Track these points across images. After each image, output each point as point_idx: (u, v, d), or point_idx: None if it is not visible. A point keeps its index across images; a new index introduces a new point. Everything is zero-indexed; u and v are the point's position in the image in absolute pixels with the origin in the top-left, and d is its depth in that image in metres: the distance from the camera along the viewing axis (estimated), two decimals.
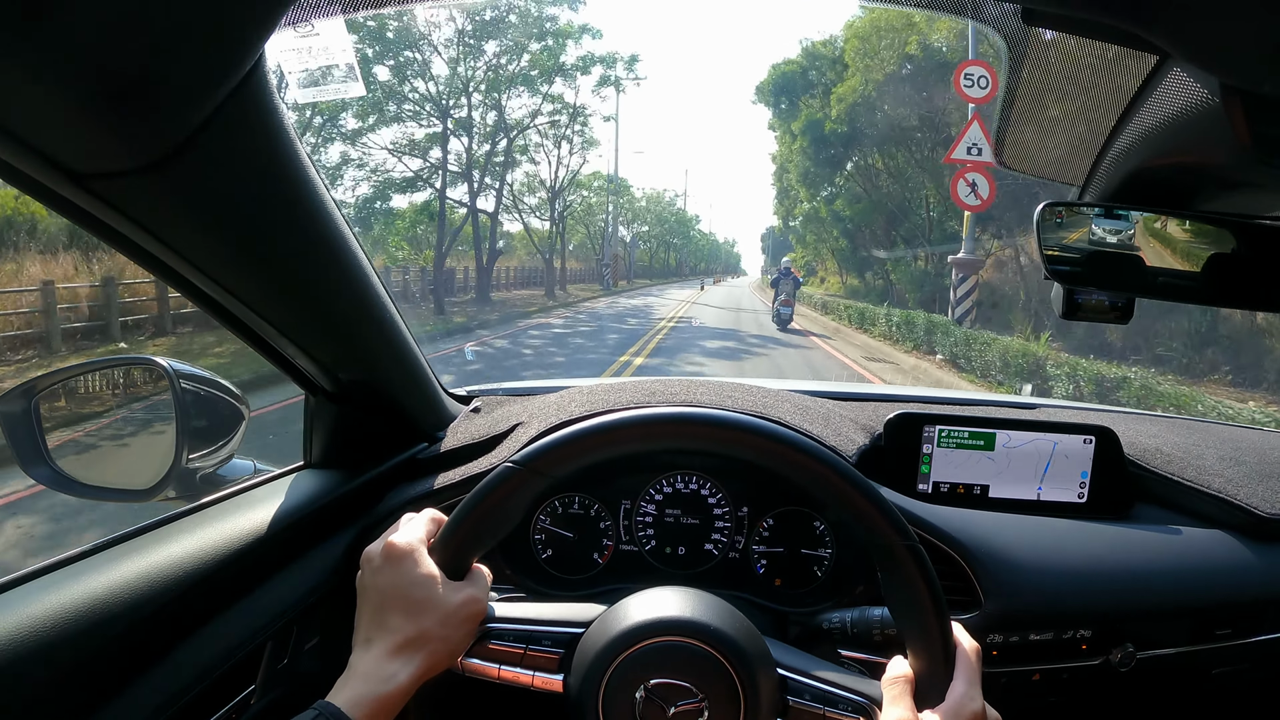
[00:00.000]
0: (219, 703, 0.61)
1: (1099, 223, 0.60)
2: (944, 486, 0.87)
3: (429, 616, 0.53)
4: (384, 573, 0.54)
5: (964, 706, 0.51)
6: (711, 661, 0.53)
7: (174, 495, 0.79)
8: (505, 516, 0.57)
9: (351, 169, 15.20)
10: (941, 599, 0.52)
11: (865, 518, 0.54)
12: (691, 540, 0.84)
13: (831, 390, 1.05)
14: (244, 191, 0.51)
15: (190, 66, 0.40)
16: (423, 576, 0.53)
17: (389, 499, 0.81)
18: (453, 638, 0.54)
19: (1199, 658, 0.80)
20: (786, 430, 0.56)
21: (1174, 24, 0.39)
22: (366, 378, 0.76)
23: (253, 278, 0.58)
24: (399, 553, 0.54)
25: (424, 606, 0.53)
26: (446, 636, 0.53)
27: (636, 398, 0.86)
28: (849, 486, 0.54)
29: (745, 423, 0.55)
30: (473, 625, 0.55)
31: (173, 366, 0.79)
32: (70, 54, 0.35)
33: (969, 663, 0.53)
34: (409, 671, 0.51)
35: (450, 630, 0.53)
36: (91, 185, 0.44)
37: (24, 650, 0.46)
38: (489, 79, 15.46)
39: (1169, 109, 0.48)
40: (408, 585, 0.53)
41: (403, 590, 0.53)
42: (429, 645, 0.52)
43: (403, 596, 0.53)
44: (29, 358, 7.67)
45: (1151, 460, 0.89)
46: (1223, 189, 0.56)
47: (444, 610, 0.53)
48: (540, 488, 0.57)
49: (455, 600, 0.54)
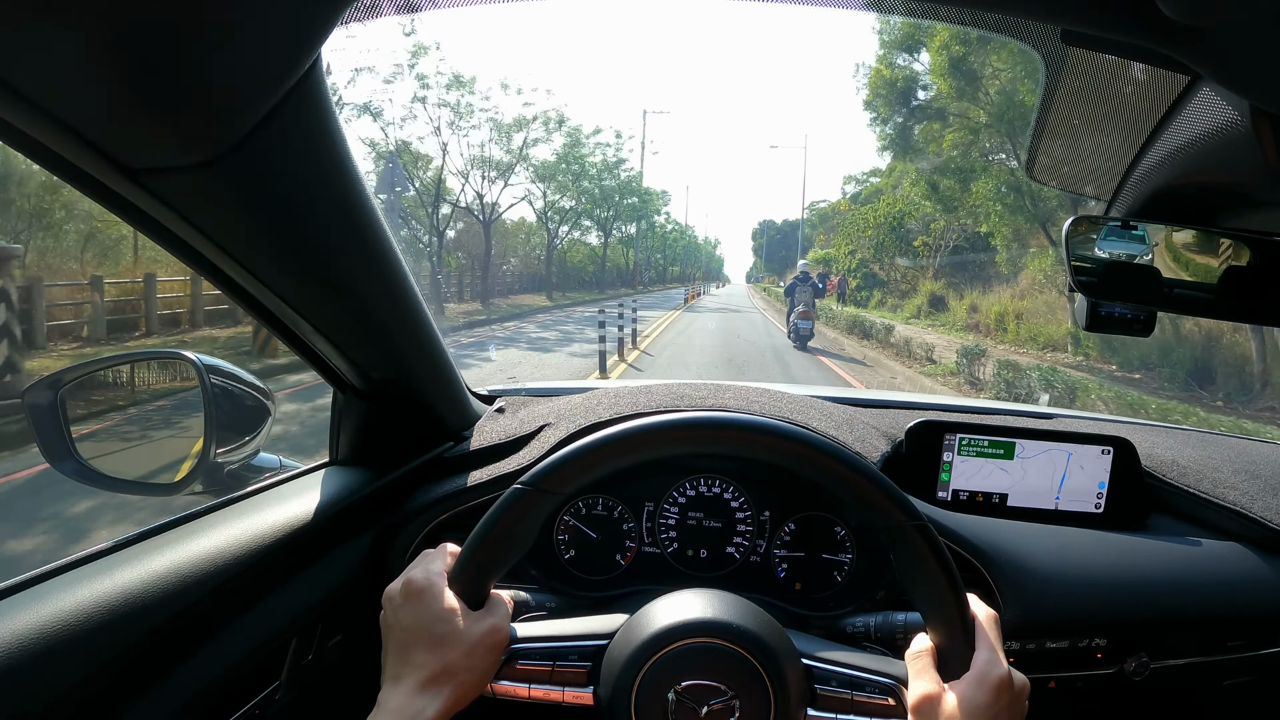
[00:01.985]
0: (245, 698, 0.61)
1: (1121, 238, 0.61)
2: (963, 494, 0.88)
3: (453, 649, 0.53)
4: (405, 610, 0.55)
5: (988, 673, 0.51)
6: (739, 659, 0.54)
7: (200, 490, 0.79)
8: (519, 539, 0.57)
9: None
10: (954, 572, 0.53)
11: (872, 502, 0.55)
12: (713, 543, 0.84)
13: (854, 397, 1.06)
14: (293, 190, 0.51)
15: (250, 66, 0.40)
16: (443, 610, 0.54)
17: (415, 497, 0.81)
18: (478, 668, 0.54)
19: (1211, 668, 0.81)
20: (797, 428, 0.57)
21: (1207, 48, 0.40)
22: (397, 376, 0.77)
23: (295, 275, 0.59)
24: (418, 588, 0.55)
25: (447, 640, 0.53)
26: (472, 667, 0.54)
27: (665, 401, 0.87)
28: (854, 473, 0.55)
29: (758, 423, 0.56)
30: (497, 654, 0.56)
31: (202, 361, 0.80)
32: (134, 52, 0.35)
33: (988, 631, 0.54)
34: (437, 705, 0.51)
35: (475, 660, 0.54)
36: (144, 180, 0.45)
37: (55, 645, 0.46)
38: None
39: (1198, 128, 0.49)
40: (430, 620, 0.54)
41: (425, 626, 0.54)
42: (456, 677, 0.53)
43: (426, 632, 0.54)
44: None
45: (1168, 472, 0.90)
46: (1247, 207, 0.57)
47: (468, 642, 0.54)
48: (553, 506, 0.57)
49: (478, 631, 0.55)
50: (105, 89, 0.37)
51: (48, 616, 0.47)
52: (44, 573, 0.52)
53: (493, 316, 17.12)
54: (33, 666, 0.45)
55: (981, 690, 0.51)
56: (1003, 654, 0.53)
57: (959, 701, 0.50)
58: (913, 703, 0.52)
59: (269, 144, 0.46)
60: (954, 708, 0.50)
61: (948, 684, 0.52)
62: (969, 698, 0.50)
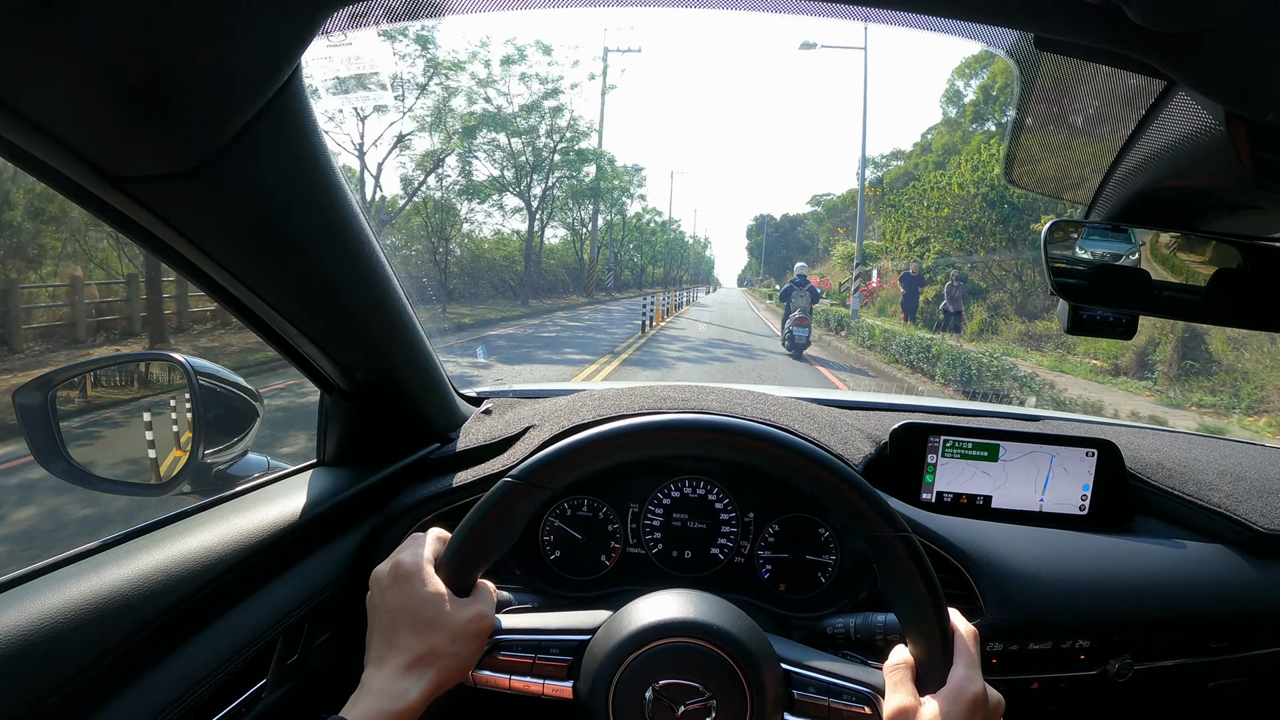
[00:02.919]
0: (230, 697, 0.62)
1: (1101, 242, 0.61)
2: (947, 496, 0.88)
3: (438, 634, 0.54)
4: (392, 592, 0.56)
5: (964, 689, 0.52)
6: (717, 660, 0.55)
7: (188, 490, 0.80)
8: (507, 531, 0.57)
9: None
10: (936, 586, 0.54)
11: (857, 511, 0.55)
12: (698, 544, 0.85)
13: (838, 399, 1.07)
14: (276, 196, 0.52)
15: (231, 75, 0.41)
16: (430, 595, 0.55)
17: (402, 498, 0.82)
18: (462, 654, 0.55)
19: (1195, 670, 0.81)
20: (784, 433, 0.58)
21: (1182, 54, 0.40)
22: (382, 378, 0.77)
23: (279, 280, 0.59)
24: (406, 572, 0.56)
25: (433, 624, 0.54)
26: (456, 653, 0.54)
27: (648, 403, 0.87)
28: (840, 482, 0.55)
29: (746, 428, 0.57)
30: (481, 641, 0.57)
31: (190, 362, 0.80)
32: (117, 61, 0.36)
33: (967, 646, 0.54)
34: (420, 688, 0.52)
35: (460, 646, 0.55)
36: (127, 187, 0.45)
37: (40, 642, 0.47)
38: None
39: (1175, 133, 0.49)
40: (416, 604, 0.55)
41: (411, 609, 0.54)
42: (439, 662, 0.54)
43: (412, 615, 0.54)
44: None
45: (1153, 474, 0.90)
46: (1226, 211, 0.57)
47: (453, 627, 0.54)
48: (541, 500, 0.58)
49: (463, 617, 0.55)
50: (89, 98, 0.38)
51: (34, 614, 0.48)
52: (30, 571, 0.53)
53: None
54: (18, 663, 0.45)
55: (957, 705, 0.51)
56: (980, 671, 0.54)
57: (934, 715, 0.51)
58: (888, 714, 0.52)
59: (252, 151, 0.46)
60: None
61: (924, 697, 0.52)
62: (944, 712, 0.51)
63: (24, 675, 0.46)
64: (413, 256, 17.24)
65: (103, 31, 0.34)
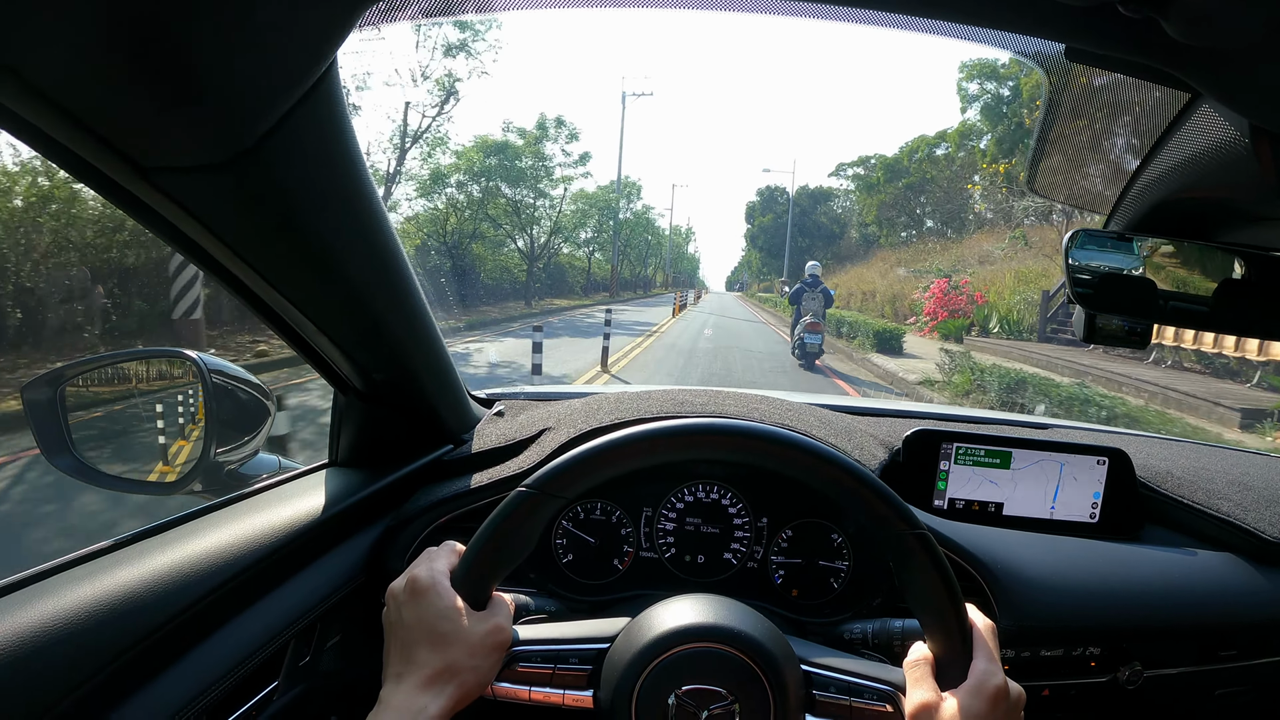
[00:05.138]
0: (242, 699, 0.61)
1: (1119, 251, 0.62)
2: (959, 503, 0.89)
3: (456, 648, 0.53)
4: (409, 608, 0.55)
5: (986, 682, 0.52)
6: (739, 664, 0.54)
7: (199, 489, 0.79)
8: (522, 541, 0.57)
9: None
10: (953, 581, 0.54)
11: (872, 509, 0.55)
12: (711, 549, 0.85)
13: (852, 405, 1.07)
14: (305, 192, 0.52)
15: (267, 69, 0.41)
16: (447, 609, 0.54)
17: (416, 499, 0.81)
18: (481, 667, 0.54)
19: (1204, 678, 0.81)
20: (799, 436, 0.58)
21: (1208, 67, 0.41)
22: (399, 379, 0.77)
23: (303, 277, 0.59)
24: (422, 587, 0.55)
25: (450, 639, 0.54)
26: (475, 667, 0.54)
27: (666, 407, 0.87)
28: (855, 480, 0.55)
29: (762, 431, 0.57)
30: (499, 654, 0.56)
31: (203, 360, 0.80)
32: (152, 51, 0.36)
33: (986, 641, 0.54)
34: (439, 704, 0.51)
35: (478, 660, 0.54)
36: (157, 179, 0.45)
37: (53, 642, 0.46)
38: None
39: (1198, 145, 0.50)
40: (433, 619, 0.54)
41: (429, 624, 0.54)
42: (458, 676, 0.53)
43: (429, 630, 0.54)
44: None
45: (1162, 483, 0.91)
46: (1245, 222, 0.58)
47: (471, 641, 0.54)
48: (556, 508, 0.57)
49: (481, 631, 0.55)
50: (123, 87, 0.38)
51: (47, 614, 0.47)
52: (43, 570, 0.52)
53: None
54: (31, 663, 0.45)
55: (978, 699, 0.51)
56: (999, 664, 0.54)
57: (956, 710, 0.51)
58: (910, 710, 0.52)
59: (283, 146, 0.46)
60: (951, 716, 0.51)
61: (945, 692, 0.52)
62: (966, 706, 0.51)
63: (40, 675, 0.45)
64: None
65: (137, 19, 0.34)
